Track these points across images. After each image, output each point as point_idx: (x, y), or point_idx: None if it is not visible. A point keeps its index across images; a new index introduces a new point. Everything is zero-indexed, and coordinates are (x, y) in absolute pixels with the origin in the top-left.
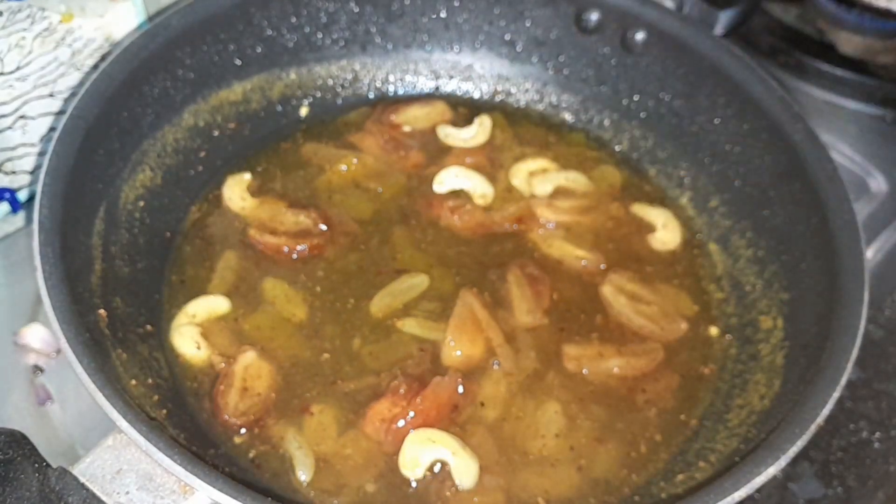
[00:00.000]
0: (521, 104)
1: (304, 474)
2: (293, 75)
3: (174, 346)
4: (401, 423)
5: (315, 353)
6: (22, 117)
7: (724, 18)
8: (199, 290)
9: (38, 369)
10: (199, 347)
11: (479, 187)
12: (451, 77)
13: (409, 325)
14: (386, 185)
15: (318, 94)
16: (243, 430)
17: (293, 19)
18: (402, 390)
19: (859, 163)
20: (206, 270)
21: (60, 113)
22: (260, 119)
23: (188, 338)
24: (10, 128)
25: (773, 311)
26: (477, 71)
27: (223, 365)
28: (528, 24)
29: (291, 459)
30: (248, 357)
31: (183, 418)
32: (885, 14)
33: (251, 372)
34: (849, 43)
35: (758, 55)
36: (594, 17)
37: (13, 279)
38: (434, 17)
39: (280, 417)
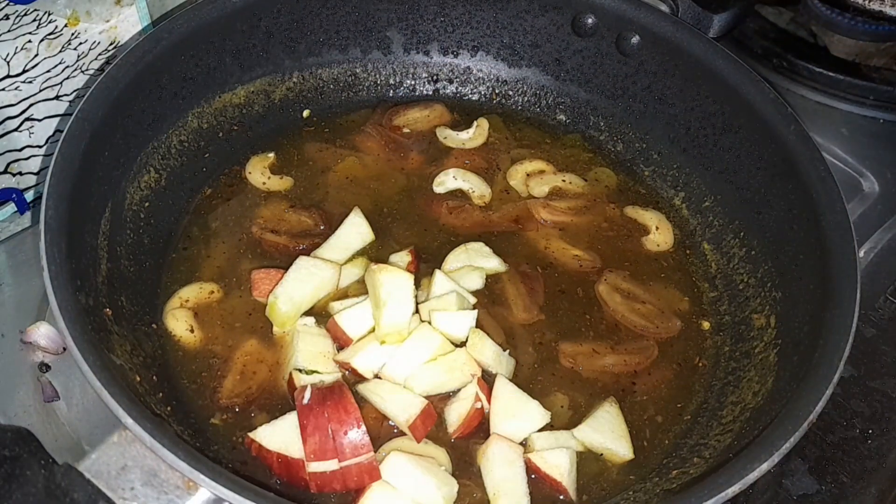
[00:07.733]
0: (518, 107)
1: None
2: (295, 78)
3: (167, 329)
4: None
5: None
6: (28, 119)
7: (718, 22)
8: (196, 280)
9: (44, 367)
10: (191, 330)
11: (477, 188)
12: (450, 80)
13: None
14: (386, 186)
15: (320, 98)
16: (237, 409)
17: (295, 24)
18: None
19: (852, 164)
20: (204, 261)
21: (66, 115)
22: (262, 121)
23: (181, 320)
24: (16, 129)
25: (766, 310)
26: (475, 74)
27: (221, 352)
28: (525, 28)
29: None
30: (249, 344)
31: (187, 415)
32: (877, 17)
33: (251, 358)
34: (841, 46)
35: (751, 58)
36: (590, 20)
37: (20, 278)
38: (433, 21)
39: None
